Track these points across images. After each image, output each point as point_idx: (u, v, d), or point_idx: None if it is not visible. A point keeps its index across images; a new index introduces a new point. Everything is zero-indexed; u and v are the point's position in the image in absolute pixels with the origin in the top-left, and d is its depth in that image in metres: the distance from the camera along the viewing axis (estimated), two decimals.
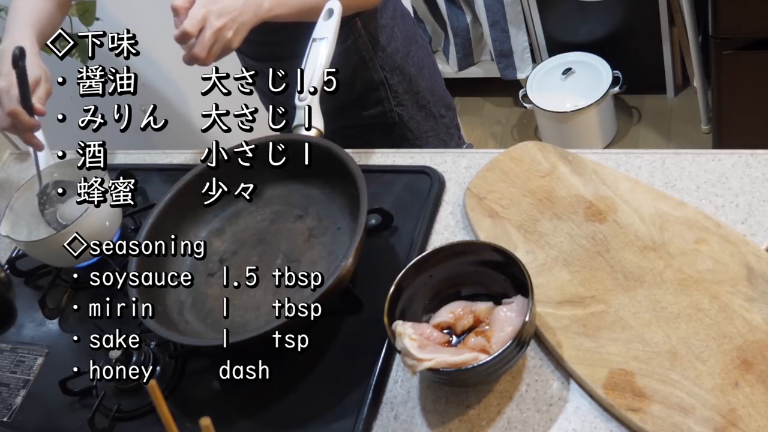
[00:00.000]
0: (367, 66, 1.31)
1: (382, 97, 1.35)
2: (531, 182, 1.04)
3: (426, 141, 1.43)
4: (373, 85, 1.34)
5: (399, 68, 1.35)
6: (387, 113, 1.37)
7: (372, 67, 1.32)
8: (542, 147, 1.07)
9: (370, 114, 1.37)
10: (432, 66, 1.44)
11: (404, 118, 1.38)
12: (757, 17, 1.69)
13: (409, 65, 1.36)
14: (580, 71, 2.37)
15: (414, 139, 1.41)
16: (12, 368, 1.12)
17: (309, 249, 1.04)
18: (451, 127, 1.49)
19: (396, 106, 1.37)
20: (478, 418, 0.86)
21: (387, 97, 1.35)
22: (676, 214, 0.93)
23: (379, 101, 1.36)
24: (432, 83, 1.43)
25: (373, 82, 1.34)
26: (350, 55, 1.29)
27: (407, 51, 1.36)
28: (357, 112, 1.37)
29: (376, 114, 1.37)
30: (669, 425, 0.77)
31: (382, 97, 1.35)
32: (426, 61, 1.42)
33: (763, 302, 0.83)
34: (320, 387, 0.94)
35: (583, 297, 0.90)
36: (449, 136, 1.48)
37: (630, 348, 0.83)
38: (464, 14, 2.52)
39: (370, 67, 1.32)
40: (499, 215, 1.01)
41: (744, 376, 0.78)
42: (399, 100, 1.36)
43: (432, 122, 1.43)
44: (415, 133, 1.41)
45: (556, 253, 0.95)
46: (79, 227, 1.06)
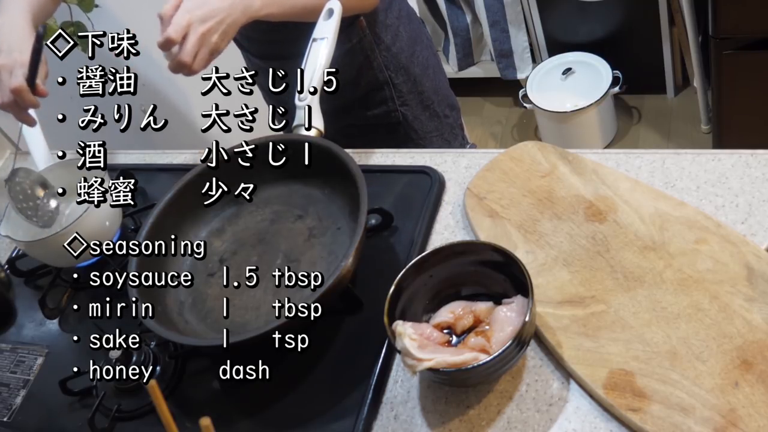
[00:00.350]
0: (371, 65, 1.31)
1: (386, 96, 1.35)
2: (531, 182, 1.04)
3: (430, 141, 1.43)
4: (377, 84, 1.34)
5: (404, 68, 1.34)
6: (391, 113, 1.37)
7: (377, 66, 1.31)
8: (542, 147, 1.07)
9: (374, 114, 1.37)
10: (437, 66, 1.44)
11: (408, 117, 1.38)
12: (757, 17, 1.69)
13: (413, 65, 1.36)
14: (580, 71, 2.37)
15: (418, 138, 1.41)
16: (12, 368, 1.12)
17: (309, 249, 1.04)
18: (455, 127, 1.48)
19: (400, 106, 1.36)
20: (478, 418, 0.86)
21: (391, 97, 1.35)
22: (676, 214, 0.93)
23: (384, 101, 1.36)
24: (436, 83, 1.42)
25: (378, 82, 1.33)
26: (355, 55, 1.29)
27: (412, 51, 1.36)
28: (361, 111, 1.37)
29: (380, 114, 1.37)
30: (669, 425, 0.77)
31: (386, 96, 1.35)
32: (431, 60, 1.41)
33: (763, 302, 0.83)
34: (320, 387, 0.94)
35: (583, 297, 0.90)
36: (453, 136, 1.48)
37: (630, 348, 0.84)
38: (464, 14, 2.53)
39: (375, 67, 1.31)
40: (499, 215, 1.01)
41: (744, 376, 0.78)
42: (403, 100, 1.36)
43: (436, 122, 1.43)
44: (419, 133, 1.41)
45: (556, 253, 0.95)
46: (79, 227, 1.06)
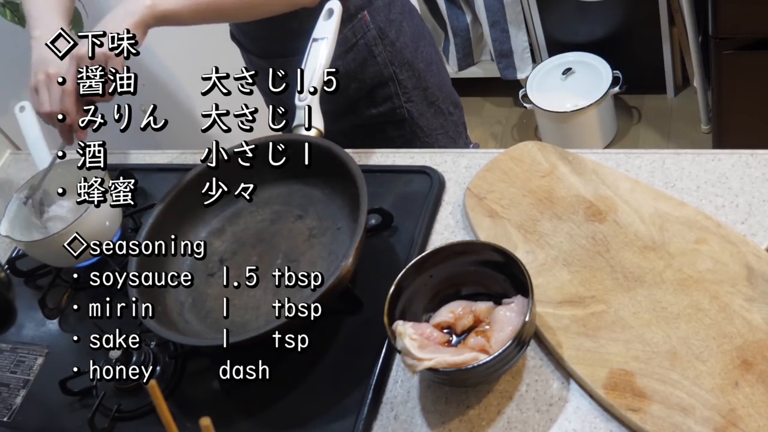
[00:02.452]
0: (376, 61, 1.31)
1: (391, 93, 1.34)
2: (531, 182, 1.04)
3: (435, 139, 1.42)
4: (382, 80, 1.33)
5: (408, 63, 1.34)
6: (396, 110, 1.36)
7: (381, 61, 1.31)
8: (542, 147, 1.07)
9: (380, 111, 1.36)
10: (440, 63, 1.44)
11: (414, 114, 1.37)
12: (757, 17, 1.69)
13: (418, 60, 1.35)
14: (580, 71, 2.37)
15: (424, 137, 1.40)
16: (12, 368, 1.12)
17: (309, 249, 1.04)
18: (459, 125, 1.48)
19: (405, 102, 1.35)
20: (478, 418, 0.86)
21: (396, 93, 1.34)
22: (676, 214, 0.93)
23: (389, 97, 1.35)
24: (440, 80, 1.42)
25: (382, 78, 1.33)
26: (359, 51, 1.29)
27: (416, 46, 1.35)
28: (366, 109, 1.37)
29: (385, 111, 1.36)
30: (669, 425, 0.77)
31: (391, 93, 1.34)
32: (434, 57, 1.41)
33: (763, 302, 0.83)
34: (320, 387, 0.94)
35: (583, 297, 0.89)
36: (457, 134, 1.47)
37: (630, 348, 0.83)
38: (464, 14, 2.52)
39: (380, 62, 1.31)
40: (499, 215, 1.01)
41: (744, 376, 0.78)
42: (408, 96, 1.36)
43: (441, 119, 1.42)
44: (425, 130, 1.40)
45: (556, 253, 0.95)
46: (79, 227, 1.06)
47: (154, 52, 1.89)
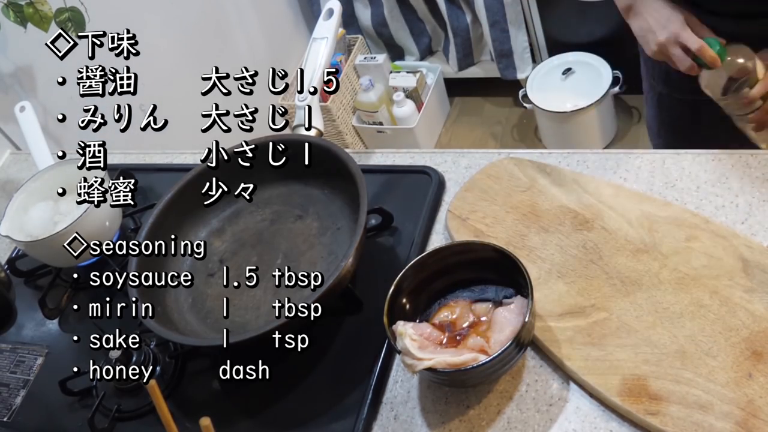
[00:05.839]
0: None
1: None
2: (512, 198, 1.03)
3: None
4: None
5: None
6: None
7: None
8: (518, 162, 1.06)
9: None
10: None
11: None
12: None
13: None
14: (580, 71, 2.37)
15: None
16: (12, 368, 1.12)
17: (309, 249, 1.04)
18: None
19: None
20: (478, 418, 0.86)
21: None
22: (663, 215, 0.93)
23: None
24: None
25: None
26: None
27: None
28: None
29: None
30: (690, 424, 0.76)
31: None
32: None
33: (763, 291, 0.83)
34: (320, 387, 0.94)
35: (583, 306, 0.89)
36: None
37: (638, 352, 0.83)
38: (464, 14, 2.52)
39: None
40: (485, 234, 1.00)
41: (756, 366, 0.78)
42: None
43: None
44: None
45: (548, 266, 0.94)
46: (79, 227, 1.06)
47: (154, 52, 1.89)
